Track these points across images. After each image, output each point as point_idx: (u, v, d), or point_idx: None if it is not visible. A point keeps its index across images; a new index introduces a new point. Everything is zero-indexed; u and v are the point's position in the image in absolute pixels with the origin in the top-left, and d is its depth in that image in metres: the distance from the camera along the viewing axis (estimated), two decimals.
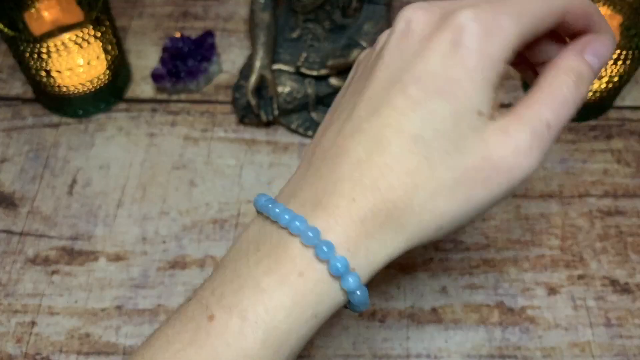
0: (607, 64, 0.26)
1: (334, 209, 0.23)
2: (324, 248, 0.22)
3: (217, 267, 0.25)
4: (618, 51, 0.40)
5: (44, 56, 0.41)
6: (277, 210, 0.23)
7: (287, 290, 0.22)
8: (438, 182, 0.23)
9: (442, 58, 0.23)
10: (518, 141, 0.23)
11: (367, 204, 0.23)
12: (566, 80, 0.24)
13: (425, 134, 0.23)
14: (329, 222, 0.23)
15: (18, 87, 0.48)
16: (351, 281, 0.22)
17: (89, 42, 0.42)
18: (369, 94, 0.24)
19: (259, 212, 0.25)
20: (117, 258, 0.39)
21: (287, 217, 0.23)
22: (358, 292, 0.23)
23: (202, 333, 0.22)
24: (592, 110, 0.45)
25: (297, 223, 0.22)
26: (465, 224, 0.24)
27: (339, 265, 0.22)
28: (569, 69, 0.24)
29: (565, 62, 0.25)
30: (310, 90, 0.44)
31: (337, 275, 0.22)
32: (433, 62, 0.23)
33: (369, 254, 0.23)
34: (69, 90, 0.44)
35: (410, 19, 0.25)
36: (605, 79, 0.42)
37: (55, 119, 0.46)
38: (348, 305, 0.24)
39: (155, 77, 0.46)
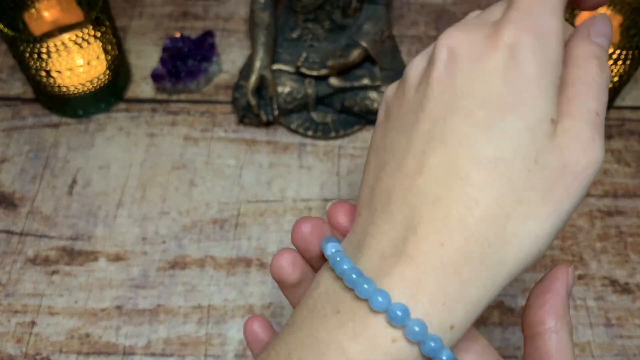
0: (611, 40, 0.26)
1: (421, 258, 0.21)
2: (398, 313, 0.20)
3: (288, 327, 0.23)
4: (618, 51, 0.40)
5: (44, 56, 0.41)
6: (354, 276, 0.21)
7: (377, 358, 0.21)
8: (526, 204, 0.22)
9: (502, 76, 0.22)
10: (582, 138, 0.22)
11: (459, 247, 0.21)
12: (592, 67, 0.24)
13: (505, 155, 0.21)
14: (418, 274, 0.21)
15: (18, 87, 0.48)
16: (432, 345, 0.20)
17: (89, 42, 0.42)
18: (424, 128, 0.23)
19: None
20: (117, 258, 0.39)
21: (354, 276, 0.21)
22: (443, 357, 0.21)
23: None
24: None
25: (365, 286, 0.21)
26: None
27: (416, 329, 0.20)
28: (589, 56, 0.24)
29: (582, 51, 0.25)
30: (310, 90, 0.44)
31: (417, 342, 0.20)
32: (494, 82, 0.22)
33: (469, 305, 0.21)
34: (69, 90, 0.44)
35: (452, 46, 0.23)
36: None
37: (55, 119, 0.46)
38: None
39: (155, 77, 0.46)
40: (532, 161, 0.22)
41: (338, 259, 0.22)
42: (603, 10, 0.45)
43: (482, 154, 0.21)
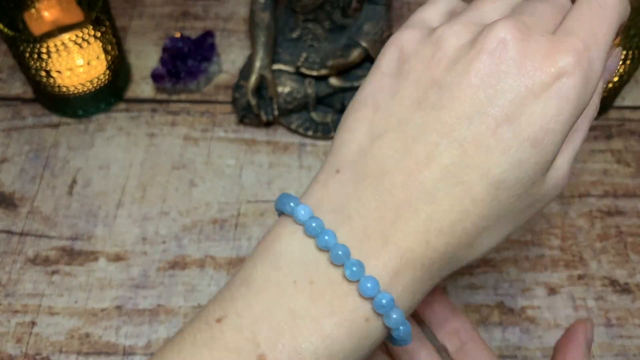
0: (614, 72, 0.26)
1: (407, 250, 0.22)
2: (383, 301, 0.21)
3: (244, 282, 0.22)
4: None
5: (44, 56, 0.41)
6: (340, 253, 0.21)
7: (351, 334, 0.21)
8: (501, 223, 0.23)
9: (542, 106, 0.22)
10: (563, 172, 0.24)
11: (440, 249, 0.22)
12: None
13: (509, 181, 0.22)
14: (400, 264, 0.21)
15: (18, 87, 0.48)
16: (384, 302, 0.21)
17: (89, 42, 0.42)
18: (447, 120, 0.22)
19: (282, 212, 0.23)
20: (117, 258, 0.39)
21: (340, 253, 0.21)
22: (394, 316, 0.21)
23: None
24: None
25: (355, 269, 0.21)
26: None
27: (369, 285, 0.21)
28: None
29: None
30: (310, 90, 0.44)
31: (382, 313, 0.21)
32: (531, 105, 0.22)
33: (426, 292, 0.23)
34: (69, 90, 0.44)
35: (506, 42, 0.22)
36: None
37: (55, 119, 0.46)
38: (389, 339, 0.23)
39: (155, 77, 0.46)
40: (524, 191, 0.23)
41: (314, 225, 0.22)
42: None
43: (491, 173, 0.22)
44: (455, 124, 0.22)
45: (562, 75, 0.22)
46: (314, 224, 0.22)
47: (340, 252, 0.21)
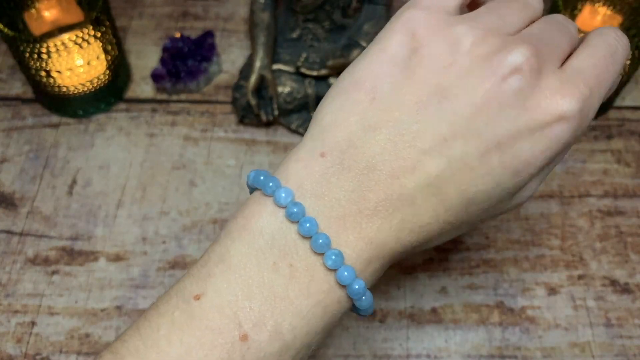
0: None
1: (378, 242, 0.23)
2: (345, 273, 0.22)
3: (219, 258, 0.23)
4: None
5: (44, 56, 0.41)
6: (321, 242, 0.22)
7: (322, 311, 0.22)
8: (462, 228, 0.25)
9: (533, 143, 0.23)
10: (531, 191, 0.26)
11: (408, 244, 0.24)
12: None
13: (481, 199, 0.23)
14: (367, 250, 0.23)
15: (18, 87, 0.48)
16: (357, 287, 0.22)
17: (89, 42, 0.42)
18: (442, 132, 0.23)
19: (253, 189, 0.24)
20: (117, 258, 0.39)
21: (307, 225, 0.22)
22: (364, 297, 0.23)
23: (237, 355, 0.21)
24: None
25: (320, 241, 0.22)
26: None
27: (346, 274, 0.22)
28: None
29: None
30: (310, 91, 0.44)
31: (355, 298, 0.23)
32: (523, 143, 0.23)
33: (386, 265, 0.24)
34: (69, 90, 0.44)
35: (521, 68, 0.23)
36: None
37: (55, 119, 0.46)
38: (353, 310, 0.24)
39: (155, 77, 0.46)
40: (491, 206, 0.24)
41: (301, 216, 0.22)
42: (603, 10, 0.45)
43: (469, 190, 0.23)
44: (449, 139, 0.22)
45: (562, 118, 0.23)
46: (295, 210, 0.22)
47: (321, 241, 0.22)
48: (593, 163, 0.43)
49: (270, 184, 0.22)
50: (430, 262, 0.39)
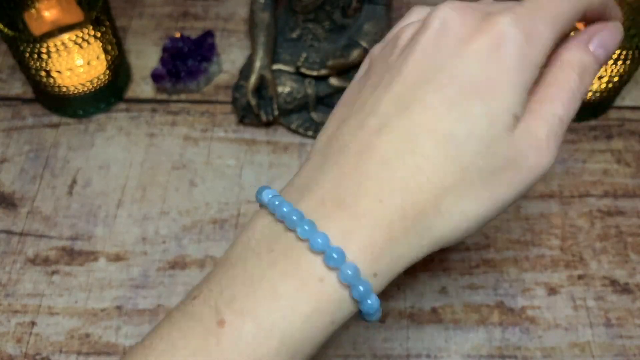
0: (614, 52, 0.26)
1: (359, 209, 0.22)
2: (334, 255, 0.21)
3: (221, 263, 0.23)
4: (618, 51, 0.40)
5: (44, 56, 0.41)
6: (295, 218, 0.22)
7: (306, 297, 0.21)
8: (467, 184, 0.23)
9: (481, 61, 0.23)
10: (538, 139, 0.24)
11: (395, 207, 0.22)
12: (572, 75, 0.25)
13: (459, 135, 0.22)
14: (353, 223, 0.22)
15: (18, 87, 0.48)
16: (362, 289, 0.21)
17: (89, 42, 0.42)
18: (397, 90, 0.24)
19: (261, 206, 0.24)
20: (117, 258, 0.39)
21: (294, 218, 0.22)
22: (369, 301, 0.22)
23: (212, 339, 0.21)
24: (592, 110, 0.45)
25: (306, 227, 0.21)
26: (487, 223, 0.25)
27: (349, 272, 0.21)
28: (573, 63, 0.25)
29: (569, 56, 0.25)
30: (310, 91, 0.44)
31: (347, 284, 0.22)
32: (472, 64, 0.23)
33: (393, 259, 0.22)
34: (69, 90, 0.44)
35: (446, 19, 0.24)
36: (605, 79, 0.42)
37: (55, 119, 0.46)
38: (359, 313, 0.23)
39: (155, 77, 0.46)
40: (485, 146, 0.23)
41: (277, 202, 0.23)
42: None
43: (439, 129, 0.22)
44: (403, 92, 0.23)
45: (499, 34, 0.23)
46: (277, 202, 0.23)
47: (306, 227, 0.22)
48: (593, 163, 0.43)
49: (260, 188, 0.24)
50: (430, 262, 0.39)
